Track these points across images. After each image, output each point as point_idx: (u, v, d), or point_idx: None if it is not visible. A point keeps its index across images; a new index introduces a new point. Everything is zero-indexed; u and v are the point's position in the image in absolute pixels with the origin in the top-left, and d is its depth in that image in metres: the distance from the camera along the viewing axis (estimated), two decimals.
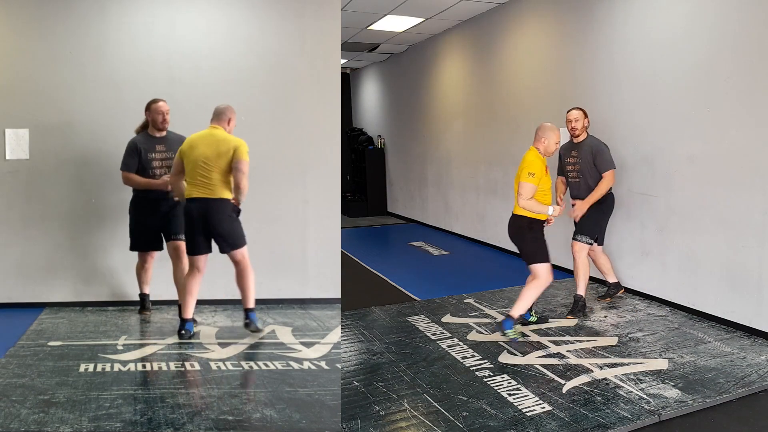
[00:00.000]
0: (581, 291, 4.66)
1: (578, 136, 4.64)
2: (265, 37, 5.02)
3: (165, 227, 4.38)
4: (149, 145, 4.33)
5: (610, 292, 5.02)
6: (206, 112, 4.93)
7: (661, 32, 4.79)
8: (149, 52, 4.90)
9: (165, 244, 4.42)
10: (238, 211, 3.97)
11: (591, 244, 4.65)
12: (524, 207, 4.03)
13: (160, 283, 4.59)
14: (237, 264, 4.05)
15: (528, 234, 4.11)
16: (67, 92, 4.84)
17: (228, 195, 3.94)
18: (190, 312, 4.09)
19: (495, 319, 4.56)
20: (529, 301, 4.12)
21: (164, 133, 4.39)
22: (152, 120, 4.35)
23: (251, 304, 4.12)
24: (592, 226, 4.62)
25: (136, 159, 4.32)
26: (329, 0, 5.08)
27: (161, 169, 4.34)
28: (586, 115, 4.66)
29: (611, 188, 4.65)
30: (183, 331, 4.05)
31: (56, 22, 4.82)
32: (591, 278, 5.13)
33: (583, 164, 4.59)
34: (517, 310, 4.08)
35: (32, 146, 4.83)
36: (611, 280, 5.00)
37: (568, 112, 4.70)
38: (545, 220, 4.17)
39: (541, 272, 4.09)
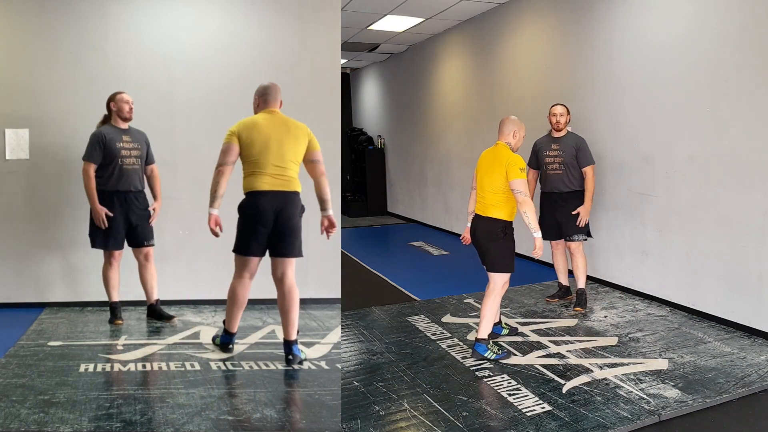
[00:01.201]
0: (582, 284, 4.77)
1: (560, 130, 4.75)
2: (265, 37, 5.02)
3: (135, 232, 4.31)
4: (116, 135, 4.21)
5: (559, 293, 5.04)
6: (206, 111, 4.95)
7: (661, 32, 4.79)
8: (149, 51, 4.90)
9: (132, 250, 4.39)
10: (304, 210, 3.63)
11: (586, 239, 4.76)
12: (524, 205, 3.64)
13: (162, 284, 4.58)
14: (284, 281, 3.51)
15: (501, 240, 3.75)
16: (67, 92, 4.84)
17: (300, 188, 3.59)
18: (236, 325, 3.74)
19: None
20: (492, 317, 3.79)
21: (127, 126, 4.31)
22: (118, 110, 4.23)
23: (295, 335, 3.57)
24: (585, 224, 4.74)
25: (100, 150, 4.14)
26: (329, 0, 5.08)
27: (130, 158, 4.25)
28: (568, 112, 4.79)
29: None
30: (231, 346, 3.77)
31: (56, 21, 4.82)
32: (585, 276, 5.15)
33: (566, 157, 4.68)
34: (484, 330, 3.77)
35: (32, 146, 4.83)
36: (564, 282, 5.02)
37: (552, 107, 4.78)
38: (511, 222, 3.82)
39: (501, 282, 3.80)
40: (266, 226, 3.47)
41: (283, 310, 3.54)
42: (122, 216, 4.24)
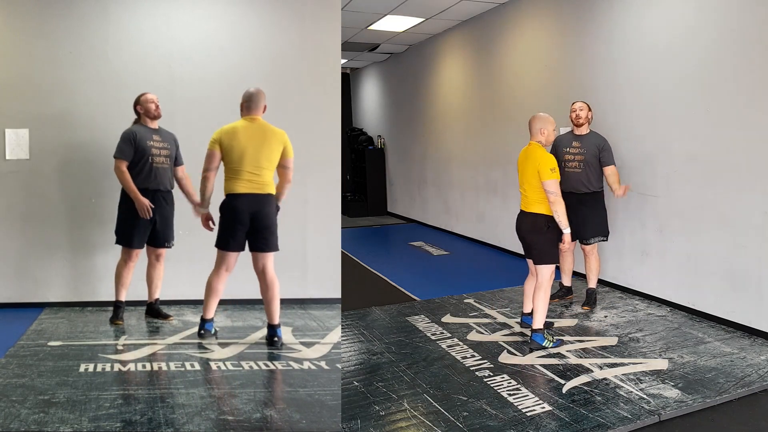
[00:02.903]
0: (593, 284, 4.83)
1: (581, 126, 4.69)
2: (265, 37, 5.02)
3: (158, 232, 4.33)
4: (146, 134, 4.25)
5: (560, 293, 5.01)
6: (207, 111, 4.95)
7: (661, 32, 4.79)
8: (149, 51, 4.90)
9: (147, 248, 4.39)
10: (278, 209, 3.93)
11: (605, 239, 4.80)
12: (555, 205, 3.84)
13: (162, 284, 4.57)
14: (266, 273, 3.87)
15: (546, 234, 3.95)
16: (67, 92, 4.84)
17: (274, 190, 3.89)
18: (212, 312, 4.02)
19: (495, 319, 4.57)
20: (545, 307, 3.98)
21: (157, 125, 4.35)
22: (145, 110, 4.27)
23: (278, 320, 3.94)
24: (600, 225, 4.73)
25: (131, 147, 4.18)
26: (329, 0, 5.08)
27: (160, 157, 4.28)
28: (590, 109, 4.74)
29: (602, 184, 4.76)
30: (203, 331, 4.00)
31: (56, 21, 4.82)
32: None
33: (588, 156, 4.62)
34: (539, 321, 3.96)
35: (32, 146, 4.83)
36: (566, 283, 5.01)
37: (573, 103, 4.77)
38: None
39: (548, 273, 3.96)
40: (243, 225, 3.82)
41: (266, 300, 3.91)
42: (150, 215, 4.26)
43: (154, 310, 4.49)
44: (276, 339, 3.92)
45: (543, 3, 6.33)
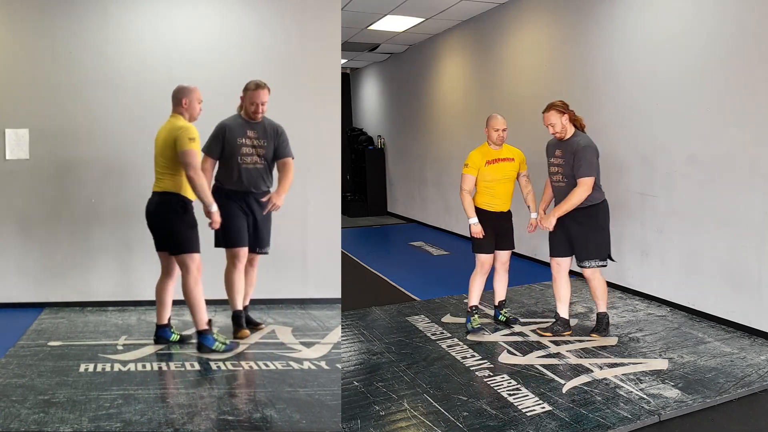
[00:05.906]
0: (603, 309, 4.14)
1: (562, 138, 3.96)
2: (266, 37, 5.02)
3: (250, 235, 4.02)
4: (239, 130, 3.91)
5: (553, 327, 4.16)
6: (207, 111, 4.93)
7: (661, 32, 4.79)
8: (149, 51, 4.90)
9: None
10: (184, 208, 3.65)
11: (605, 265, 4.02)
12: (461, 198, 4.35)
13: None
14: (181, 272, 3.70)
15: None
16: (67, 92, 4.84)
17: (172, 188, 3.64)
18: (162, 317, 3.85)
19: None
20: (470, 291, 4.31)
21: (259, 118, 3.98)
22: (245, 109, 3.96)
23: (202, 326, 3.70)
24: (597, 247, 3.96)
25: (219, 144, 3.87)
26: (329, 0, 5.08)
27: (252, 156, 3.92)
28: (564, 111, 3.92)
29: (603, 195, 4.04)
30: (160, 337, 3.89)
31: (56, 22, 4.82)
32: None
33: (566, 167, 3.91)
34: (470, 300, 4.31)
35: (32, 146, 4.83)
36: (563, 314, 4.16)
37: (543, 113, 4.02)
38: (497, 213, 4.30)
39: (477, 261, 4.30)
40: (149, 225, 3.76)
41: (184, 295, 3.74)
42: (243, 213, 3.96)
43: (239, 319, 4.09)
44: (200, 344, 3.77)
45: (543, 3, 6.33)
